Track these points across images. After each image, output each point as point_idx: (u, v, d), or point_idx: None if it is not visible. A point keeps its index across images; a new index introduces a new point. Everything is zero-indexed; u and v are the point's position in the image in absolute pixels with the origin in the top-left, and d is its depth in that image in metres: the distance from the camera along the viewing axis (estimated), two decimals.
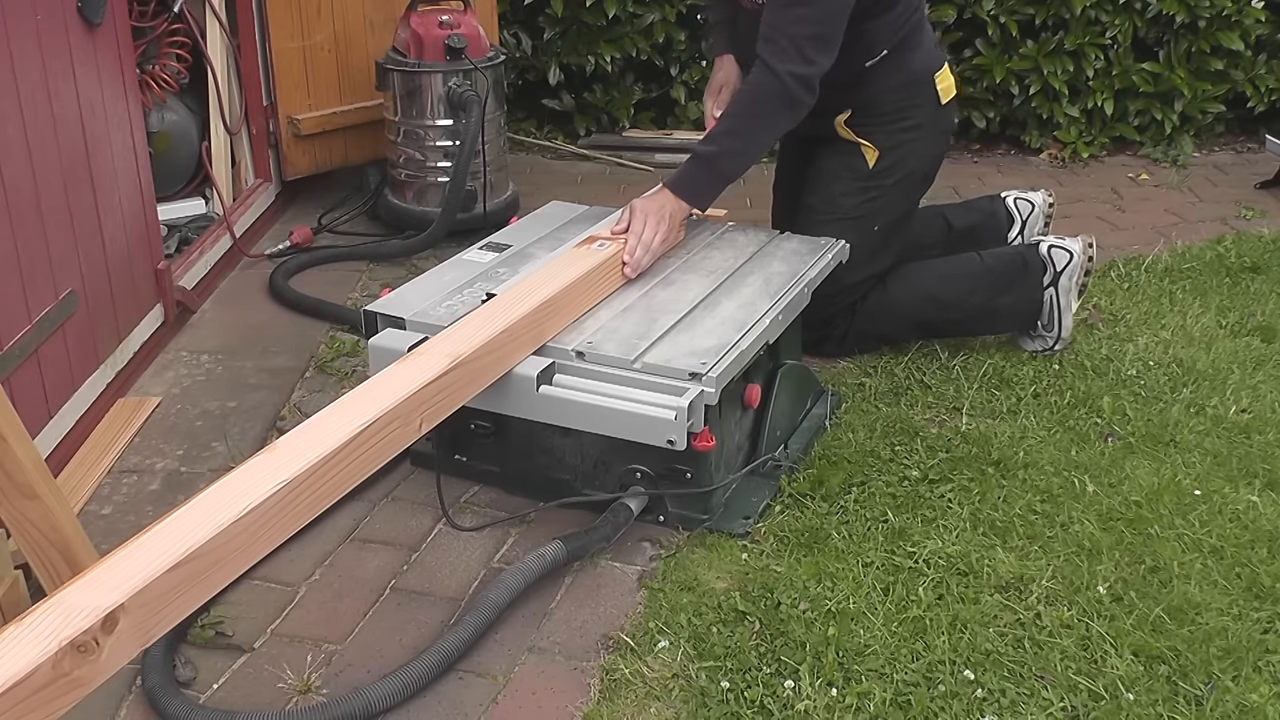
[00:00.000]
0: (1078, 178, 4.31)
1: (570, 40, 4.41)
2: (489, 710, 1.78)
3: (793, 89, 2.44)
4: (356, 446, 1.62)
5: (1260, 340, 2.92)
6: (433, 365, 1.85)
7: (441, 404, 1.85)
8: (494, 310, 2.09)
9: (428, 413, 1.81)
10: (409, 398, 1.74)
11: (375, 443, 1.66)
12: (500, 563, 2.12)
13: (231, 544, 1.41)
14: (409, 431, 1.75)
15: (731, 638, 1.90)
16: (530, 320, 2.09)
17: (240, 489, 1.47)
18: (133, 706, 1.78)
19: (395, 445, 1.73)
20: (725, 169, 2.54)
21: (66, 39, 2.42)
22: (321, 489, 1.56)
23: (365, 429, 1.63)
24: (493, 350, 1.98)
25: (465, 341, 1.94)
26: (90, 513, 2.25)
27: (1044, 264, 2.77)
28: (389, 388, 1.76)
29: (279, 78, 3.60)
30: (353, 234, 3.67)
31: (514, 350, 2.06)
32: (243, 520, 1.42)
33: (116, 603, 1.26)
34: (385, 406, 1.69)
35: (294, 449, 1.56)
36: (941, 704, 1.76)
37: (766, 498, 2.25)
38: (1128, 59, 4.41)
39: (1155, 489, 2.27)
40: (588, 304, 2.28)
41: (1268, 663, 1.84)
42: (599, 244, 2.41)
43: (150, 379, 2.77)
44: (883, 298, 2.78)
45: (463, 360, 1.89)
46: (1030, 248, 2.82)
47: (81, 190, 2.49)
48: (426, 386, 1.79)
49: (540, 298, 2.13)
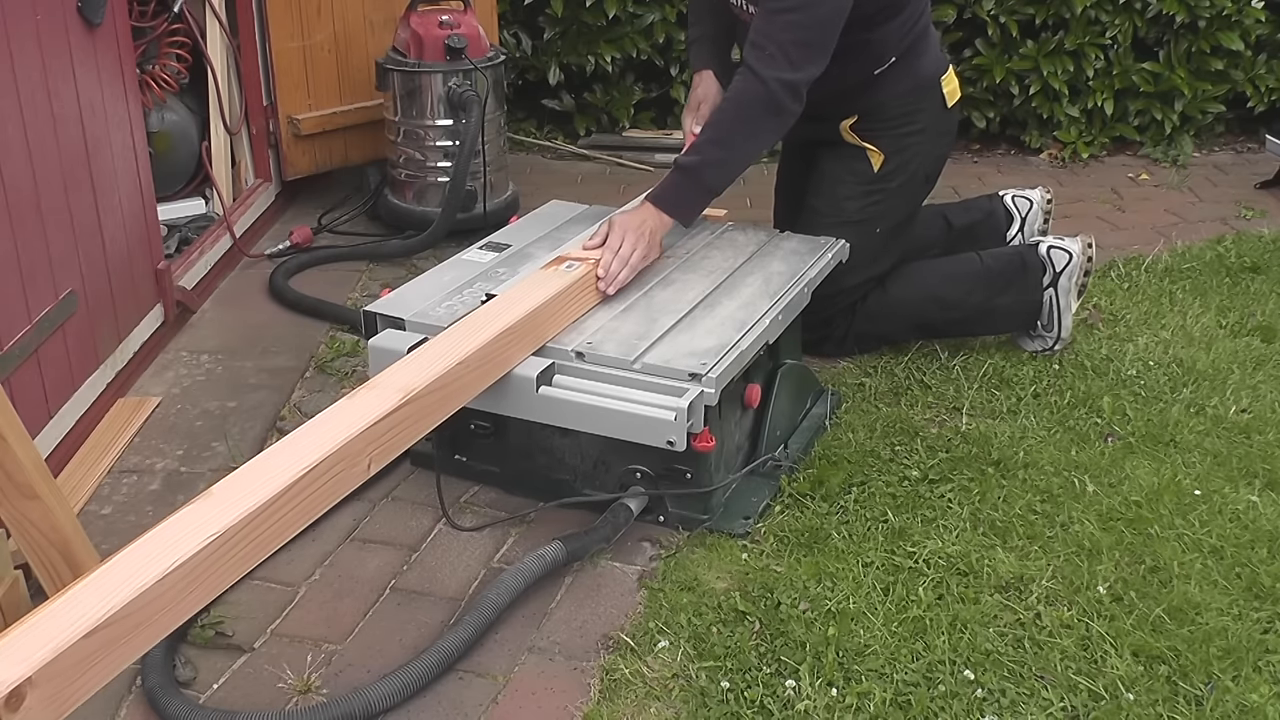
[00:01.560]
0: (1078, 178, 4.31)
1: (570, 40, 4.41)
2: (489, 710, 1.78)
3: (779, 95, 2.37)
4: (298, 492, 1.51)
5: (1260, 340, 2.91)
6: (382, 401, 1.72)
7: (393, 442, 1.73)
8: (452, 340, 1.97)
9: (377, 452, 1.68)
10: (355, 437, 1.62)
11: (319, 487, 1.56)
12: (500, 563, 2.12)
13: (156, 603, 1.30)
14: (356, 473, 1.64)
15: (731, 638, 1.90)
16: (490, 350, 1.98)
17: (168, 542, 1.36)
18: (132, 706, 1.78)
19: (341, 488, 1.62)
20: (709, 180, 2.45)
21: (66, 39, 2.42)
22: (259, 538, 1.46)
23: (307, 473, 1.53)
24: (449, 383, 1.86)
25: (418, 375, 1.82)
26: (90, 513, 2.25)
27: (1043, 265, 2.77)
28: (334, 426, 1.64)
29: (279, 78, 3.60)
30: (353, 234, 3.67)
31: (473, 381, 1.95)
32: (169, 578, 1.31)
33: (22, 676, 1.15)
34: (329, 448, 1.57)
35: (229, 496, 1.46)
36: (941, 704, 1.76)
37: (766, 498, 2.25)
38: (1128, 59, 4.41)
39: (1155, 489, 2.27)
40: (555, 329, 2.17)
41: (1268, 663, 1.84)
42: (567, 265, 2.29)
43: (150, 379, 2.77)
44: (883, 298, 2.77)
45: (415, 395, 1.77)
46: (1030, 248, 2.82)
47: (81, 190, 2.49)
48: (375, 424, 1.67)
49: (501, 325, 2.02)
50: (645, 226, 2.38)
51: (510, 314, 2.06)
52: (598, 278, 2.29)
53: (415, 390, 1.77)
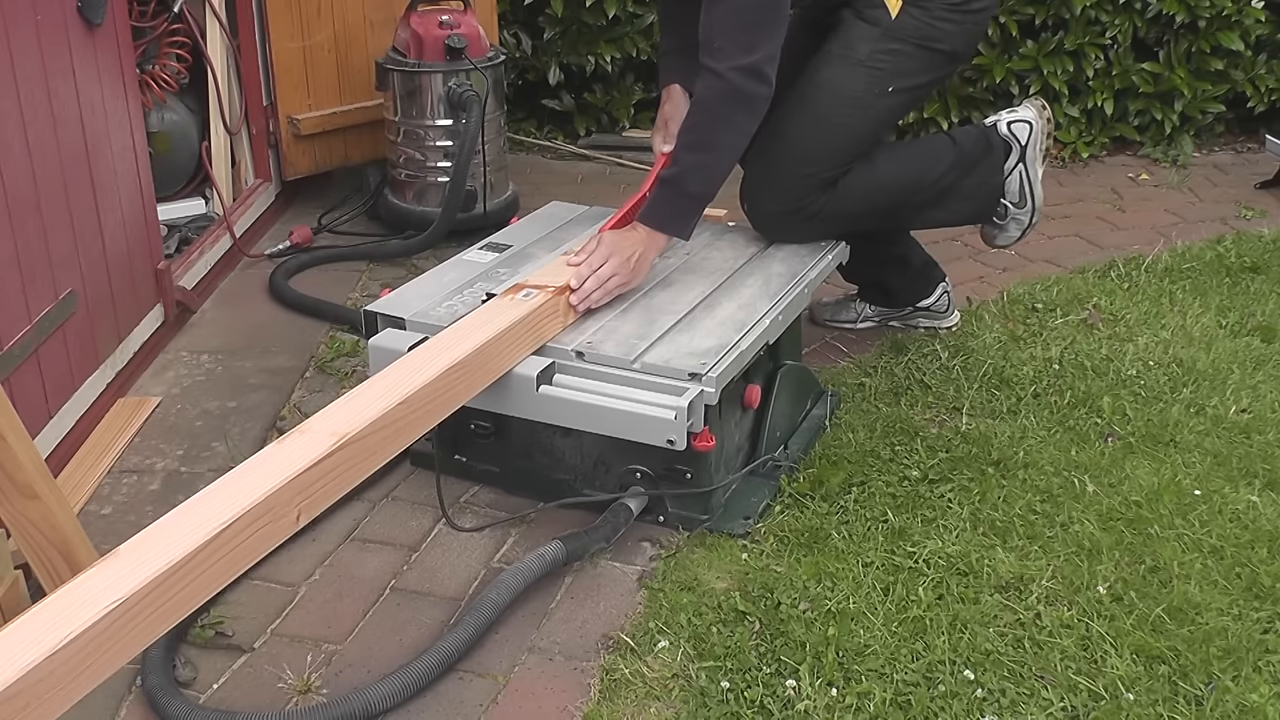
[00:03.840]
0: (1078, 178, 4.31)
1: (570, 40, 4.41)
2: (489, 710, 1.78)
3: (741, 85, 2.27)
4: (214, 550, 1.39)
5: (1260, 340, 2.92)
6: (313, 447, 1.58)
7: (325, 491, 1.59)
8: (393, 378, 1.82)
9: (307, 503, 1.55)
10: (281, 488, 1.49)
11: (240, 543, 1.44)
12: (500, 563, 2.12)
13: (46, 682, 1.17)
14: (283, 525, 1.52)
15: (731, 638, 1.90)
16: (436, 387, 1.83)
17: (65, 610, 1.22)
18: (132, 706, 1.78)
19: (266, 543, 1.50)
20: (693, 188, 2.34)
21: (66, 39, 2.42)
22: (171, 602, 1.34)
23: (225, 529, 1.40)
24: (388, 424, 1.72)
25: (353, 418, 1.67)
26: (90, 513, 2.25)
27: (1007, 144, 2.68)
28: (259, 476, 1.51)
29: (279, 78, 3.60)
30: (353, 234, 3.68)
31: (418, 420, 1.80)
32: (61, 653, 1.17)
33: None
34: (251, 501, 1.45)
35: (137, 557, 1.33)
36: (941, 704, 1.76)
37: (766, 498, 2.25)
38: (1128, 59, 4.41)
39: (1155, 489, 2.27)
40: (510, 362, 2.06)
41: (1268, 663, 1.84)
42: (525, 293, 2.16)
43: (150, 379, 2.77)
44: (869, 172, 2.60)
45: (350, 439, 1.62)
46: (991, 129, 2.73)
47: (81, 190, 2.49)
48: (305, 472, 1.53)
49: (449, 360, 1.88)
50: (633, 251, 2.30)
51: (459, 349, 1.93)
52: (570, 289, 2.21)
53: (349, 434, 1.63)
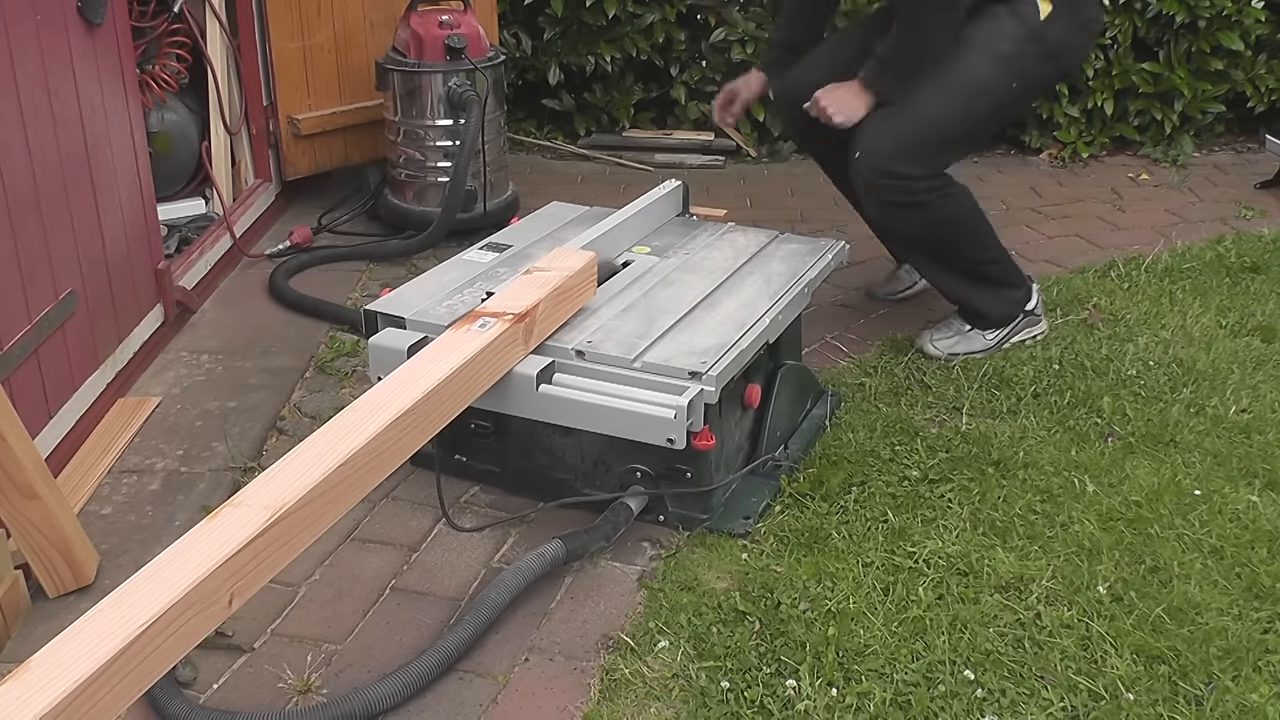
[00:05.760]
0: (1078, 178, 4.31)
1: (570, 40, 4.41)
2: (489, 710, 1.78)
3: None
4: (137, 653, 1.29)
5: (1260, 340, 2.92)
6: (245, 525, 1.45)
7: (259, 570, 1.47)
8: (333, 436, 1.66)
9: (240, 584, 1.44)
10: (210, 575, 1.38)
11: (165, 639, 1.33)
12: (500, 563, 2.12)
13: None
14: (215, 613, 1.41)
15: (731, 638, 1.90)
16: (385, 439, 1.69)
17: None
18: (132, 706, 1.77)
19: (196, 633, 1.39)
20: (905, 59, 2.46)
21: (66, 39, 2.42)
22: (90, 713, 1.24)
23: (148, 628, 1.30)
24: (331, 487, 1.58)
25: (290, 486, 1.53)
26: (90, 513, 2.25)
27: (1035, 314, 2.85)
28: (185, 564, 1.39)
29: (279, 78, 3.60)
30: (353, 234, 3.68)
31: (365, 477, 1.67)
32: None
33: None
34: (176, 594, 1.34)
35: (49, 670, 1.22)
36: (941, 704, 1.76)
37: (766, 498, 2.25)
38: (1128, 59, 4.41)
39: (1155, 489, 2.27)
40: (469, 398, 1.94)
41: (1268, 663, 1.84)
42: (481, 323, 2.02)
43: (150, 379, 2.77)
44: (964, 200, 2.66)
45: (288, 510, 1.49)
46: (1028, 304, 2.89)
47: (81, 190, 2.49)
48: (236, 555, 1.42)
49: (397, 409, 1.73)
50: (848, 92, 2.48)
51: (407, 396, 1.78)
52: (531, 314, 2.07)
53: (287, 505, 1.50)
